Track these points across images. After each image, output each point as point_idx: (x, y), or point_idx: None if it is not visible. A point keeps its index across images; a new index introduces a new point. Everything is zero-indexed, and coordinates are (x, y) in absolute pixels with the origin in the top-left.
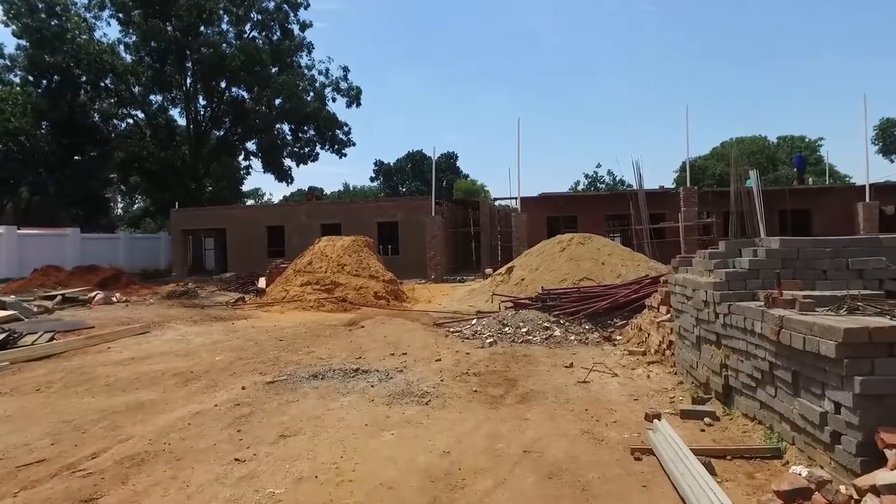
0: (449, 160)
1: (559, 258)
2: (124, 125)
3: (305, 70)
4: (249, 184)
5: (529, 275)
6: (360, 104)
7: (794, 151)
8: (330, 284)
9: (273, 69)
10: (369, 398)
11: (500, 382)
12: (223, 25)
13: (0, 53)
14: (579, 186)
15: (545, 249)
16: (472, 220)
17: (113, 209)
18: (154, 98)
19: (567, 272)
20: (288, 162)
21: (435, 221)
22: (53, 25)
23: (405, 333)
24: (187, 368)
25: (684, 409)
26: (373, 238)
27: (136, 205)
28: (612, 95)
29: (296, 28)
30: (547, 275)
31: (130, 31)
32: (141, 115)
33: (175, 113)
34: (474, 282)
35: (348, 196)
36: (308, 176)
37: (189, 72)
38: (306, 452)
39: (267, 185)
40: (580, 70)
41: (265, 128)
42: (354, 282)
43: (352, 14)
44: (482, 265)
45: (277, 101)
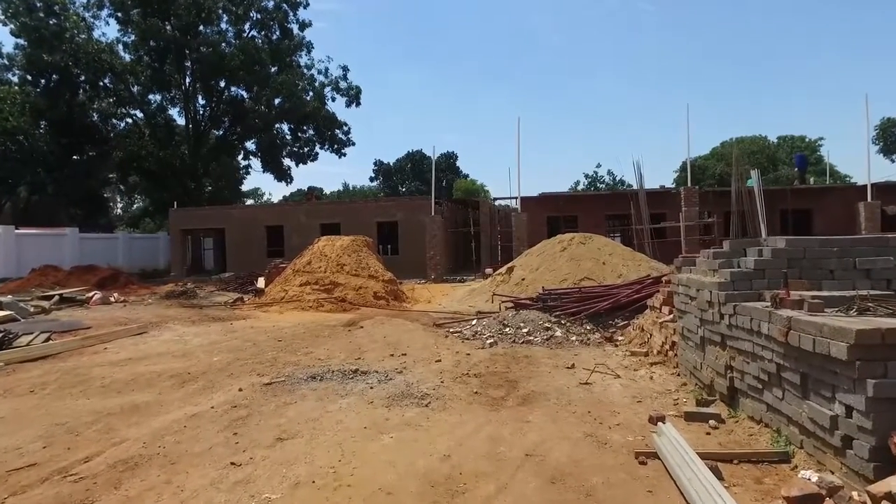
0: (449, 160)
1: (560, 258)
2: (123, 125)
3: (305, 69)
4: (249, 183)
5: (530, 275)
6: (360, 104)
7: (795, 151)
8: (329, 284)
9: (272, 68)
10: (368, 400)
11: (501, 384)
12: (222, 24)
13: None
14: (579, 186)
15: (545, 249)
16: (472, 220)
17: (112, 209)
18: (153, 97)
19: (568, 272)
20: (287, 162)
21: (435, 221)
22: (52, 24)
23: (405, 334)
24: (184, 369)
25: (688, 412)
26: (372, 238)
27: (136, 204)
28: (612, 95)
29: (295, 27)
30: (547, 275)
31: (129, 31)
32: (140, 115)
33: (174, 112)
34: (474, 282)
35: (348, 196)
36: (307, 176)
37: (188, 71)
38: (303, 456)
39: (266, 185)
40: (580, 70)
41: (264, 127)
42: (354, 282)
43: (351, 14)
44: (482, 265)
45: (277, 101)
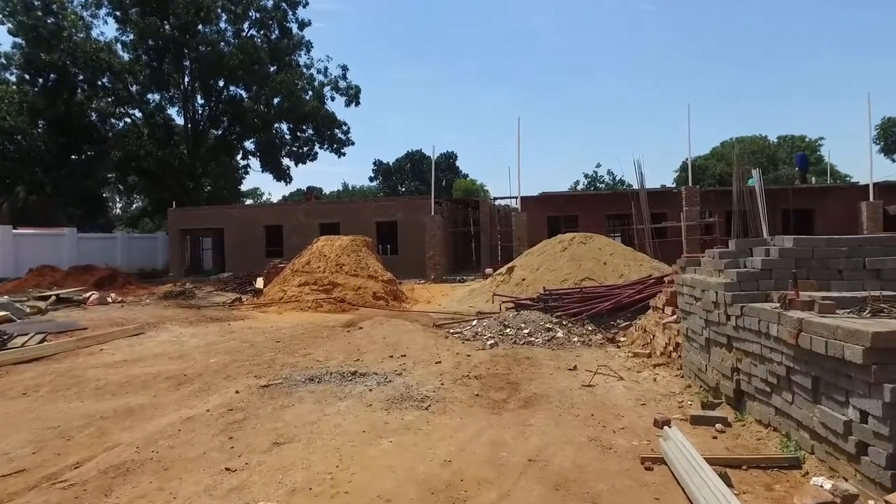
0: (448, 160)
1: (560, 258)
2: (121, 124)
3: (304, 69)
4: (248, 183)
5: (530, 275)
6: (359, 103)
7: (795, 151)
8: (328, 285)
9: (271, 68)
10: (367, 403)
11: (503, 386)
12: (221, 24)
13: None
14: (579, 186)
15: (546, 249)
16: (472, 220)
17: (111, 209)
18: (151, 97)
19: (568, 272)
20: (286, 161)
21: (434, 221)
22: (50, 23)
23: (404, 335)
24: (180, 371)
25: (694, 415)
26: (372, 238)
27: (134, 204)
28: (612, 95)
29: (294, 27)
30: (548, 275)
31: (127, 29)
32: (138, 114)
33: (173, 112)
34: (474, 282)
35: (347, 195)
36: (307, 175)
37: (187, 70)
38: (300, 461)
39: (265, 185)
40: (580, 70)
41: (263, 127)
42: (353, 282)
43: (351, 14)
44: (482, 265)
45: (276, 100)
